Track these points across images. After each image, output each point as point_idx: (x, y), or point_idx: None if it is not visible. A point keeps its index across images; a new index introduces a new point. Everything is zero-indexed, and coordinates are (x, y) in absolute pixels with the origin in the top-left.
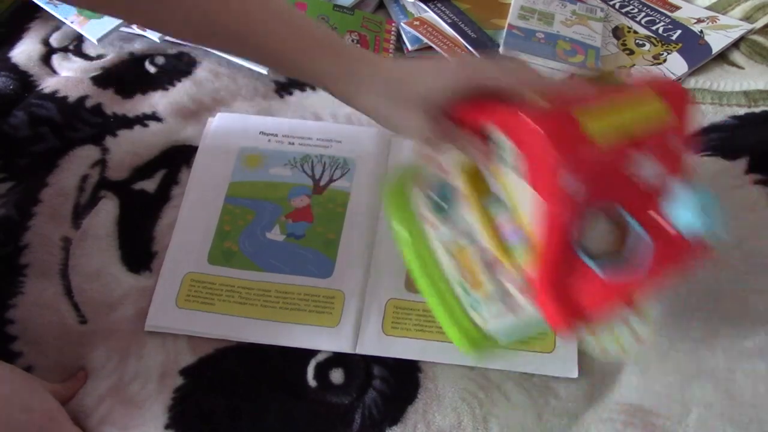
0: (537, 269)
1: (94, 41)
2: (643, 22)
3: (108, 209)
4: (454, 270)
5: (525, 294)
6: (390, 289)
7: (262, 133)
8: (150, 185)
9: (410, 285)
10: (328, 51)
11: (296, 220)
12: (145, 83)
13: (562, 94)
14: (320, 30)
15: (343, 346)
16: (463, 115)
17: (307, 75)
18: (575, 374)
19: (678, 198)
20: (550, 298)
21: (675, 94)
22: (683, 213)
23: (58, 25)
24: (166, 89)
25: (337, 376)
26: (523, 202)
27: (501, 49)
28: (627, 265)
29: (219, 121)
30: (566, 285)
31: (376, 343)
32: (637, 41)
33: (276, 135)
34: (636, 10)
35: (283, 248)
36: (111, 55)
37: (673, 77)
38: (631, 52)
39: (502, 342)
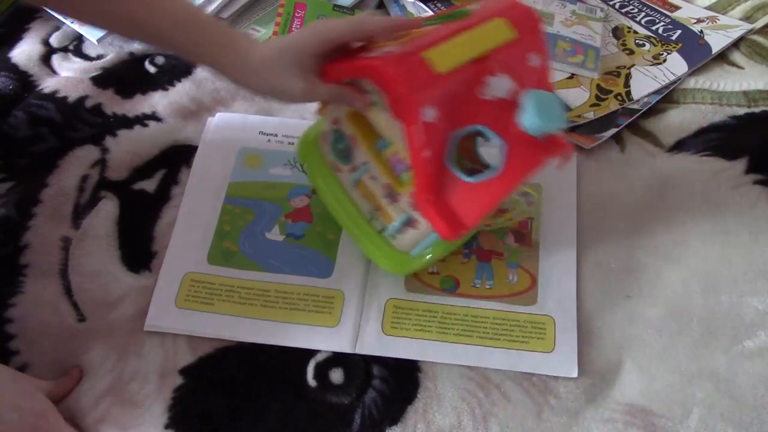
0: (415, 188)
1: (94, 41)
2: (643, 22)
3: (108, 209)
4: (366, 205)
5: (417, 211)
6: (390, 289)
7: (261, 133)
8: (150, 185)
9: (410, 284)
10: (218, 41)
11: (296, 220)
12: (145, 83)
13: (408, 34)
14: (211, 22)
15: (343, 345)
16: (332, 72)
17: (202, 62)
18: (575, 374)
19: (523, 105)
20: (430, 209)
21: (521, 14)
22: (528, 116)
23: (58, 25)
24: (166, 89)
25: (336, 376)
26: (398, 136)
27: None
28: (494, 172)
29: (219, 121)
30: (444, 197)
31: (376, 343)
32: (637, 41)
33: (276, 135)
34: (636, 10)
35: (283, 248)
36: (111, 55)
37: (673, 77)
38: (631, 52)
39: (414, 255)
